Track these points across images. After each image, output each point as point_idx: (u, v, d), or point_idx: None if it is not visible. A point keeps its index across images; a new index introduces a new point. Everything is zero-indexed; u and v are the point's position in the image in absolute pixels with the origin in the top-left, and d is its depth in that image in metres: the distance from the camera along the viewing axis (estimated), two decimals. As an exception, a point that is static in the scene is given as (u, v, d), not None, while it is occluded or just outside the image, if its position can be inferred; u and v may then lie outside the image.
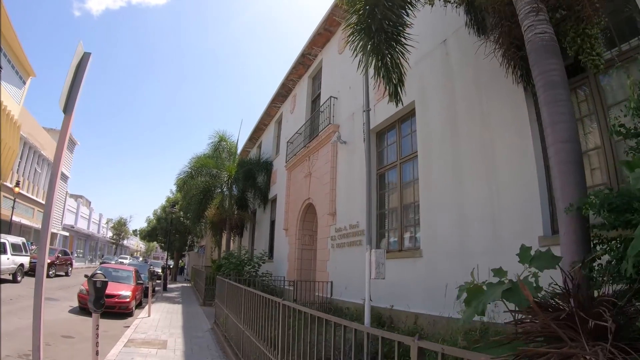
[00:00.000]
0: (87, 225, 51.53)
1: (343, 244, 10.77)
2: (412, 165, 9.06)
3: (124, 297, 11.53)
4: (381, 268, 5.66)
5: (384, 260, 5.77)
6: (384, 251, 5.89)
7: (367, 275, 5.73)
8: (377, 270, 5.63)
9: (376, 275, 5.62)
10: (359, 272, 9.73)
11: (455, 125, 7.60)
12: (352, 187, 10.83)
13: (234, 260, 15.79)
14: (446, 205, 7.40)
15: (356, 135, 11.17)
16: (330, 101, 12.97)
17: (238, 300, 6.49)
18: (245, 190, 21.38)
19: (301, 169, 14.97)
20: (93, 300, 4.78)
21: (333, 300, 10.78)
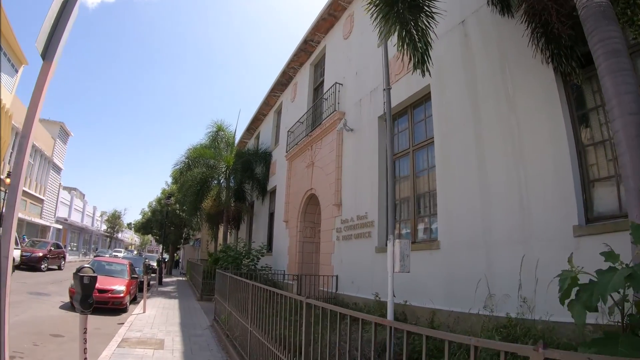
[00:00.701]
0: (81, 218, 50.72)
1: (350, 236, 10.22)
2: (427, 152, 8.52)
3: (118, 292, 10.94)
4: (406, 260, 5.11)
5: (409, 252, 5.22)
6: (409, 242, 5.32)
7: (390, 269, 5.18)
8: (401, 262, 5.07)
9: (401, 268, 5.07)
10: (367, 265, 9.23)
11: (477, 108, 7.08)
12: (360, 177, 10.27)
13: (232, 254, 15.22)
14: (467, 194, 6.91)
15: (364, 121, 10.59)
16: (335, 87, 12.38)
17: (243, 296, 5.93)
18: (243, 182, 20.78)
19: (303, 159, 14.39)
20: (80, 299, 4.11)
21: (338, 295, 10.25)
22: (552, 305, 5.14)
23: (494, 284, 5.99)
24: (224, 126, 21.09)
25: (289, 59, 16.92)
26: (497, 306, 5.76)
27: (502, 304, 5.73)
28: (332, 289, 10.42)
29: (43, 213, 33.35)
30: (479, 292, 6.11)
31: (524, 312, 5.37)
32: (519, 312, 5.39)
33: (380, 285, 8.52)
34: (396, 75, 9.62)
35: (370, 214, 9.48)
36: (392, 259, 5.12)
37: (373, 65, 10.70)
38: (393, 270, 5.12)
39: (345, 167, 11.17)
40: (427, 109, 8.78)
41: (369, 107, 10.48)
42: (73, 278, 4.21)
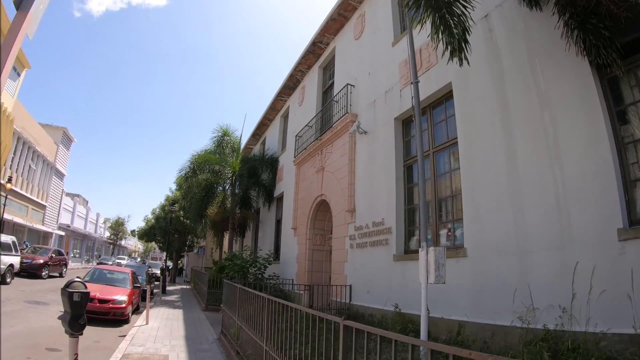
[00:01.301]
0: (84, 225, 50.26)
1: (364, 244, 9.67)
2: (448, 154, 8.02)
3: (119, 303, 10.39)
4: (441, 270, 4.58)
5: (445, 261, 4.68)
6: (444, 250, 4.78)
7: (424, 280, 4.64)
8: (436, 272, 4.53)
9: (436, 279, 4.54)
10: (384, 274, 8.69)
11: (505, 106, 6.60)
12: (375, 181, 9.74)
13: (239, 262, 14.66)
14: (496, 196, 6.42)
15: (378, 123, 10.09)
16: (346, 89, 11.90)
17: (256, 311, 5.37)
18: (248, 188, 20.27)
19: (312, 164, 13.88)
20: (69, 320, 3.44)
21: (352, 305, 9.69)
22: (599, 314, 4.66)
23: (529, 293, 5.52)
24: (229, 131, 20.63)
25: (297, 61, 16.51)
26: (533, 317, 5.32)
27: (539, 315, 5.29)
28: (345, 299, 9.86)
29: (45, 219, 32.93)
30: (512, 302, 5.65)
31: (564, 323, 4.95)
32: (558, 324, 4.97)
33: (400, 296, 8.01)
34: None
35: (387, 220, 8.94)
36: (426, 269, 4.57)
37: (387, 65, 10.26)
38: (427, 281, 4.57)
39: (358, 171, 10.65)
40: (448, 108, 8.32)
41: (384, 108, 9.99)
42: (61, 294, 3.58)
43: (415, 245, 8.46)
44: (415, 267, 7.89)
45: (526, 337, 5.19)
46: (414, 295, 7.66)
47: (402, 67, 9.58)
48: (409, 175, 9.11)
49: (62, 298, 3.58)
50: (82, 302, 3.51)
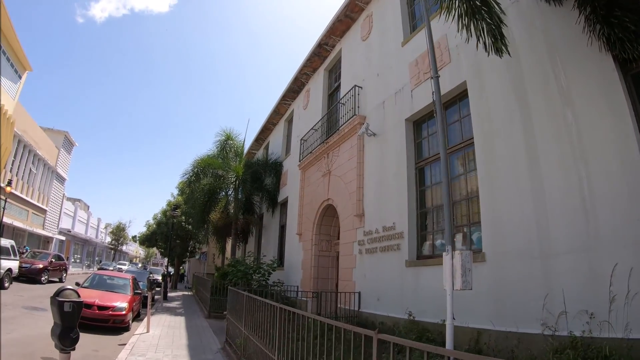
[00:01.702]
0: (85, 230, 49.96)
1: (374, 250, 9.33)
2: (463, 155, 7.71)
3: (119, 310, 10.04)
4: (468, 275, 4.24)
5: (471, 265, 4.35)
6: (470, 253, 4.44)
7: (449, 286, 4.30)
8: (463, 278, 4.19)
9: (463, 285, 4.20)
10: (396, 281, 8.35)
11: (525, 104, 6.33)
12: (385, 185, 9.42)
13: (242, 268, 14.30)
14: (517, 198, 6.12)
15: (388, 125, 9.79)
16: (354, 90, 11.62)
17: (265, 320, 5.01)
18: (252, 193, 19.95)
19: (318, 168, 13.57)
20: (59, 333, 3.02)
21: (362, 313, 9.33)
22: (632, 319, 4.34)
23: (554, 298, 5.22)
24: (232, 135, 20.32)
25: (302, 64, 16.25)
26: (559, 324, 5.03)
27: (565, 321, 4.99)
28: (354, 307, 9.50)
29: (46, 224, 32.63)
30: (536, 308, 5.35)
31: (592, 329, 4.67)
32: (585, 330, 4.70)
33: (412, 303, 7.68)
34: (425, 74, 8.87)
35: (399, 225, 8.60)
36: (451, 274, 4.23)
37: (397, 65, 9.99)
38: (452, 287, 4.23)
39: (367, 175, 10.33)
40: (462, 108, 8.03)
41: (394, 109, 9.69)
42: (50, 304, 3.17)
43: (429, 251, 8.13)
44: (429, 273, 7.60)
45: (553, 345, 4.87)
46: (427, 302, 7.36)
47: (412, 67, 9.30)
48: (421, 178, 8.79)
49: (52, 308, 3.19)
50: (75, 313, 3.10)
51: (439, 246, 7.89)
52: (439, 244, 7.93)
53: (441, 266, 7.32)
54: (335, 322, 3.25)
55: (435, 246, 8.00)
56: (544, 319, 5.23)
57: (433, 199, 8.34)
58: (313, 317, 3.57)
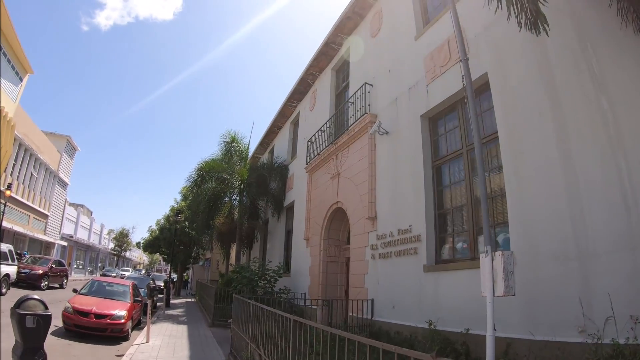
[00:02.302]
0: (88, 236, 49.55)
1: (388, 254, 8.76)
2: (485, 151, 7.14)
3: (118, 318, 9.50)
4: (511, 279, 3.69)
5: (513, 268, 3.78)
6: (512, 254, 3.89)
7: (489, 292, 3.75)
8: (505, 282, 3.63)
9: (505, 290, 3.64)
10: (413, 287, 7.79)
11: (555, 93, 5.83)
12: (400, 185, 8.87)
13: (247, 275, 13.74)
14: (548, 195, 5.59)
15: (402, 122, 9.27)
16: (364, 88, 11.11)
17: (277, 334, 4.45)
18: (257, 198, 19.42)
19: (326, 170, 13.04)
20: (21, 355, 2.43)
21: (375, 322, 8.75)
22: None
23: (594, 302, 4.71)
24: (237, 138, 19.83)
25: (308, 64, 15.80)
26: (600, 330, 4.52)
27: (607, 327, 4.49)
28: (366, 315, 8.92)
29: (47, 229, 32.19)
30: (573, 314, 4.86)
31: (637, 335, 4.19)
32: (629, 337, 4.21)
33: (432, 311, 7.13)
34: (441, 68, 8.37)
35: (416, 227, 8.04)
36: (491, 278, 3.67)
37: (410, 60, 9.50)
38: (493, 293, 3.67)
39: (380, 175, 9.79)
40: (483, 102, 7.48)
41: (408, 105, 9.18)
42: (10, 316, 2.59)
43: (448, 255, 7.56)
44: (450, 278, 7.04)
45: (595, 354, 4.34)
46: (449, 310, 6.82)
47: (427, 62, 8.80)
48: (438, 178, 8.24)
49: (12, 321, 2.62)
50: (40, 330, 2.53)
51: (460, 249, 7.34)
52: (460, 247, 7.37)
53: (464, 271, 6.85)
54: (371, 340, 2.68)
55: (456, 249, 7.44)
56: (583, 325, 4.75)
57: (453, 199, 7.79)
58: (338, 334, 3.00)
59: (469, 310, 6.42)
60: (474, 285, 6.49)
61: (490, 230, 4.33)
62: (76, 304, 9.63)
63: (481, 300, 6.28)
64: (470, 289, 6.51)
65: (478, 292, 6.40)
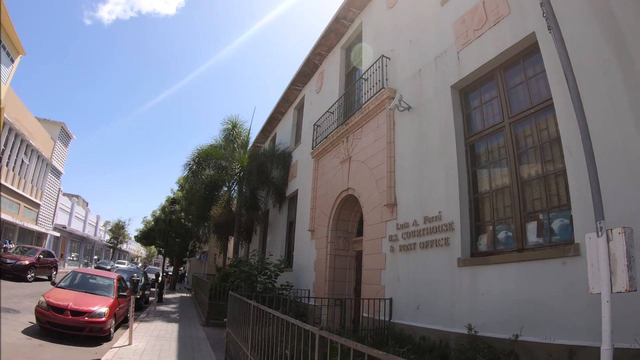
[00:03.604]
0: (83, 227, 48.26)
1: (411, 246, 7.55)
2: (534, 123, 6.05)
3: (98, 316, 8.29)
4: (633, 269, 2.46)
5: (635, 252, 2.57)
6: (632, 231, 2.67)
7: (606, 287, 2.54)
8: (629, 272, 2.42)
9: (629, 283, 2.43)
10: (444, 284, 6.61)
11: (623, 49, 4.75)
12: (426, 166, 7.66)
13: (246, 269, 12.53)
14: (623, 168, 4.47)
15: (427, 95, 8.07)
16: (381, 62, 9.88)
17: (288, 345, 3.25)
18: (257, 187, 18.16)
19: (335, 154, 11.82)
20: None
21: (394, 324, 7.56)
22: None
23: None
24: (239, 123, 18.56)
25: (315, 43, 14.58)
26: None
27: None
28: (383, 316, 7.72)
29: (39, 219, 30.92)
30: None
31: None
32: None
33: (468, 313, 5.99)
34: (475, 32, 7.20)
35: (447, 214, 6.83)
36: (607, 267, 2.45)
37: (436, 27, 8.33)
38: (610, 288, 2.45)
39: (400, 157, 8.57)
40: (527, 68, 6.33)
41: (435, 76, 7.97)
42: None
43: (487, 246, 6.36)
44: (492, 273, 5.81)
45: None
46: (490, 312, 5.66)
47: (458, 27, 7.61)
48: (472, 156, 7.04)
49: None
50: None
51: (504, 240, 6.13)
52: (503, 237, 6.16)
53: (510, 265, 5.58)
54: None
55: (498, 240, 6.23)
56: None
57: (492, 180, 6.58)
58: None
59: (518, 311, 5.31)
60: (522, 281, 5.38)
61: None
62: (51, 298, 8.43)
63: (534, 300, 5.14)
64: (518, 285, 5.43)
65: (527, 290, 5.26)
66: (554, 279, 4.99)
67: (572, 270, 4.78)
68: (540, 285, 5.13)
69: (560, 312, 4.83)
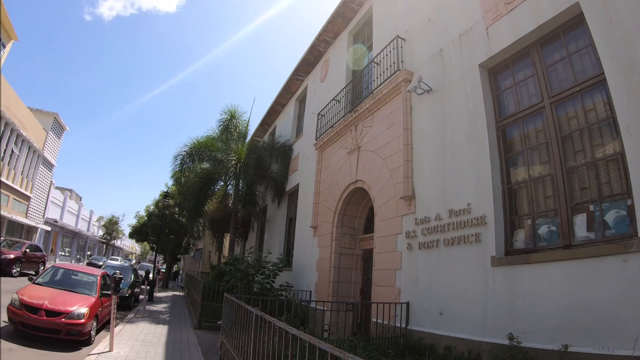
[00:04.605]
0: (76, 222, 47.10)
1: (434, 243, 6.67)
2: (579, 102, 5.22)
3: (76, 317, 7.35)
4: None
5: None
6: None
7: None
8: None
9: None
10: (473, 287, 5.76)
11: None
12: (451, 153, 6.79)
13: (243, 267, 11.64)
14: None
15: (451, 76, 7.22)
16: (396, 42, 9.01)
17: None
18: (254, 182, 17.24)
19: (342, 145, 10.95)
20: None
21: (412, 332, 6.69)
22: None
23: None
24: (237, 113, 17.64)
25: (321, 29, 13.71)
26: None
27: None
28: (399, 323, 6.84)
29: (29, 212, 29.86)
30: None
31: None
32: None
33: (505, 319, 5.20)
34: (507, 5, 6.40)
35: (478, 206, 5.97)
36: None
37: (459, 4, 7.51)
38: None
39: (418, 144, 7.70)
40: (568, 43, 5.50)
41: (460, 55, 7.12)
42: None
43: (525, 242, 5.51)
44: (535, 274, 4.94)
45: None
46: (532, 318, 4.84)
47: (485, 0, 6.76)
48: (504, 142, 6.18)
49: None
50: None
51: (546, 235, 5.27)
52: (545, 232, 5.30)
53: (556, 264, 4.71)
54: None
55: (538, 235, 5.37)
56: None
57: (530, 168, 5.73)
58: None
59: (566, 318, 4.50)
60: (572, 282, 4.52)
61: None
62: (25, 296, 7.50)
63: (586, 304, 4.28)
64: (566, 287, 4.61)
65: (578, 292, 4.36)
66: (612, 278, 4.16)
67: (635, 268, 3.97)
68: (594, 286, 4.30)
69: (620, 317, 4.02)
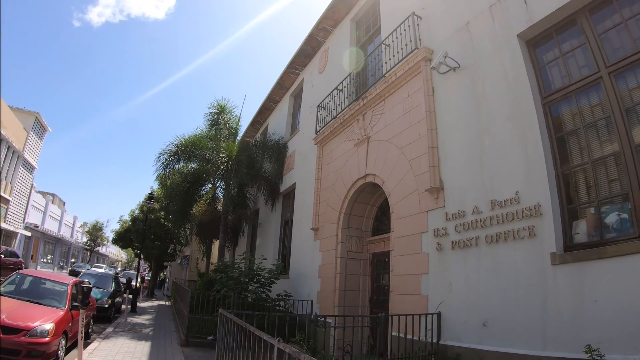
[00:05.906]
0: (58, 228, 45.23)
1: (472, 241, 5.61)
2: None
3: (40, 335, 6.08)
4: None
5: None
6: None
7: None
8: None
9: None
10: (527, 291, 4.73)
11: None
12: (489, 136, 5.77)
13: (235, 274, 10.44)
14: None
15: (482, 50, 6.28)
16: (412, 20, 8.03)
17: None
18: (245, 184, 16.02)
19: (347, 136, 9.90)
20: None
21: (446, 347, 5.62)
22: None
23: None
24: (227, 108, 16.44)
25: (320, 17, 12.73)
26: None
27: None
28: (427, 337, 5.75)
29: (8, 216, 28.18)
30: None
31: None
32: None
33: (573, 328, 4.24)
34: None
35: (528, 195, 4.96)
36: None
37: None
38: None
39: (444, 128, 6.67)
40: (622, 7, 4.66)
41: (492, 27, 6.17)
42: None
43: (589, 235, 4.52)
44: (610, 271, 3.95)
45: None
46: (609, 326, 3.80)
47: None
48: (554, 120, 5.21)
49: None
50: None
51: (615, 225, 4.29)
52: (614, 221, 4.31)
53: (625, 258, 3.77)
54: None
55: (605, 225, 4.37)
56: None
57: (588, 148, 4.76)
58: None
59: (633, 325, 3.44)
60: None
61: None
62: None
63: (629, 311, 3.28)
64: None
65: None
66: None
67: None
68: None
69: None
